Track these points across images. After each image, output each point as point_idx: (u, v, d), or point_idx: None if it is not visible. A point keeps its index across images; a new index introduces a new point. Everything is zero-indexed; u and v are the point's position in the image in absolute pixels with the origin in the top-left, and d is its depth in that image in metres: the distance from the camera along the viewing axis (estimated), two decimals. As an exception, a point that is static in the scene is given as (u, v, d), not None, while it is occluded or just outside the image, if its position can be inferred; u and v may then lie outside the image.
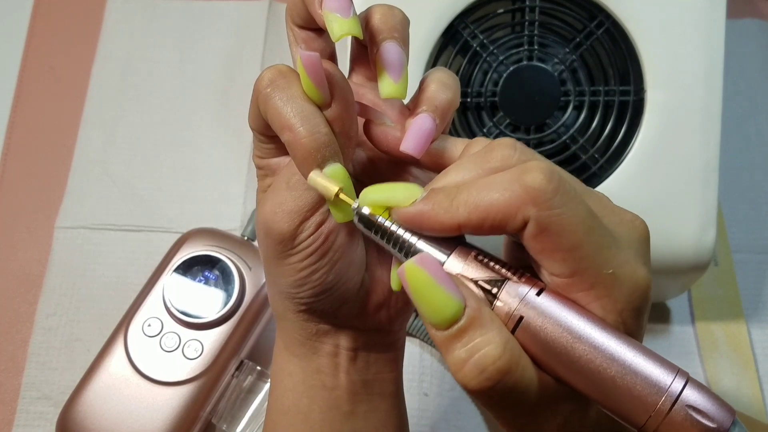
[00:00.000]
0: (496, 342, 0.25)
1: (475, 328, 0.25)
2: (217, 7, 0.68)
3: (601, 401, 0.25)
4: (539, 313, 0.25)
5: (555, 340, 0.25)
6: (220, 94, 0.65)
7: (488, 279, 0.26)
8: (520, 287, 0.26)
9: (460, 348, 0.25)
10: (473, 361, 0.25)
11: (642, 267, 0.26)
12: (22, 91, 0.65)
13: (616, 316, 0.25)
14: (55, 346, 0.56)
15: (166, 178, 0.62)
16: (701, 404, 0.24)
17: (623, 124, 0.48)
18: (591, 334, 0.25)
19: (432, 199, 0.27)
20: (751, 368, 0.56)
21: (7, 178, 0.62)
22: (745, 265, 0.60)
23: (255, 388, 0.53)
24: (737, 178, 0.62)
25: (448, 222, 0.26)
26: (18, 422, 0.54)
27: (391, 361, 0.37)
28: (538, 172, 0.25)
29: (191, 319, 0.50)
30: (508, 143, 0.28)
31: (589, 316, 0.25)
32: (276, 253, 0.32)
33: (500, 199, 0.25)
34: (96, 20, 0.67)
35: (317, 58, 0.28)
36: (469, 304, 0.25)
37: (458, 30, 0.48)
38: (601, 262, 0.25)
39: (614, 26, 0.48)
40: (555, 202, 0.25)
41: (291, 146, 0.29)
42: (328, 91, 0.29)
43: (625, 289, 0.26)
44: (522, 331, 0.26)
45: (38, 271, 0.59)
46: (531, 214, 0.25)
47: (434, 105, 0.31)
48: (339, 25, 0.28)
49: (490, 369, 0.25)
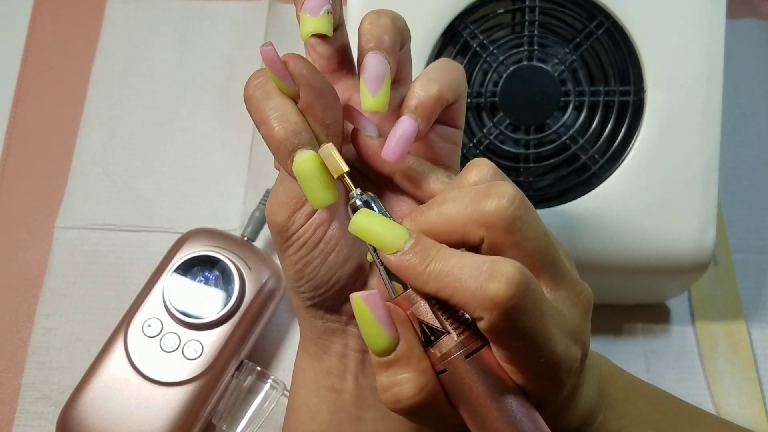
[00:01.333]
0: (415, 382, 0.28)
1: (401, 366, 0.28)
2: (217, 7, 0.68)
3: None
4: (459, 374, 0.28)
5: (464, 399, 0.28)
6: (220, 94, 0.65)
7: (431, 326, 0.28)
8: (454, 345, 0.28)
9: (385, 377, 0.28)
10: (392, 392, 0.28)
11: (573, 345, 0.28)
12: (22, 91, 0.65)
13: (540, 397, 0.28)
14: (55, 346, 0.56)
15: (166, 178, 0.62)
16: None
17: (623, 124, 0.48)
18: (494, 407, 0.27)
19: (408, 260, 0.28)
20: (751, 368, 0.56)
21: (7, 178, 0.62)
22: (745, 265, 0.60)
23: (255, 389, 0.53)
24: (737, 178, 0.62)
25: (420, 288, 0.28)
26: (18, 422, 0.54)
27: None
28: (503, 278, 0.26)
29: (191, 319, 0.50)
30: (506, 191, 0.28)
31: (504, 388, 0.27)
32: (278, 246, 0.33)
33: (463, 290, 0.26)
34: (96, 20, 0.67)
35: (272, 50, 0.28)
36: (402, 343, 0.28)
37: (458, 30, 0.48)
38: (538, 355, 0.27)
39: (614, 26, 0.48)
40: (514, 313, 0.26)
41: (265, 138, 0.29)
42: (291, 81, 0.29)
43: (554, 377, 0.28)
44: (444, 378, 0.28)
45: (38, 271, 0.59)
46: (484, 318, 0.26)
47: (415, 105, 0.30)
48: (307, 24, 0.29)
49: (404, 403, 0.28)
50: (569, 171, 0.48)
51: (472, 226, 0.27)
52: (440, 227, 0.28)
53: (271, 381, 0.53)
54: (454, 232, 0.28)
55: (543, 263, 0.28)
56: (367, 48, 0.30)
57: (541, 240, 0.28)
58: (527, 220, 0.27)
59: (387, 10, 0.31)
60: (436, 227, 0.28)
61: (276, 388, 0.53)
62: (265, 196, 0.58)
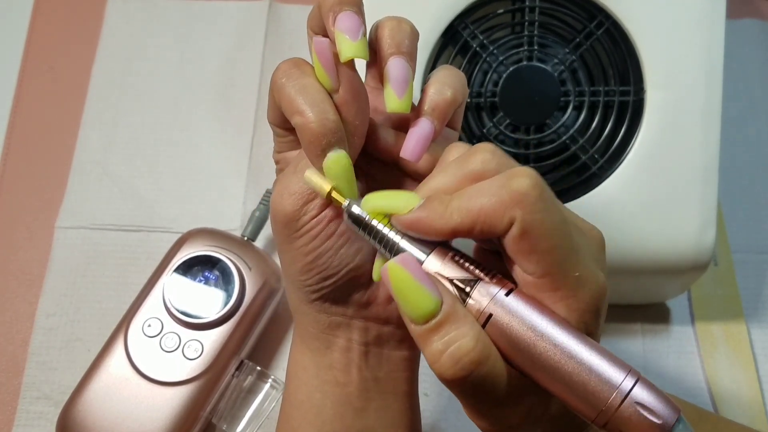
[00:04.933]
0: (470, 335, 0.27)
1: (451, 323, 0.27)
2: (217, 7, 0.68)
3: (559, 394, 0.27)
4: (507, 311, 0.28)
5: (520, 337, 0.27)
6: (220, 94, 0.65)
7: (462, 278, 0.29)
8: (491, 287, 0.28)
9: (437, 341, 0.27)
10: (449, 352, 0.27)
11: (600, 273, 0.29)
12: (22, 91, 0.65)
13: (579, 316, 0.28)
14: (55, 346, 0.56)
15: (166, 178, 0.62)
16: (649, 402, 0.26)
17: (623, 124, 0.48)
18: (552, 333, 0.27)
19: (428, 207, 0.29)
20: (751, 368, 0.56)
21: (7, 178, 0.62)
22: (745, 265, 0.60)
23: (255, 388, 0.53)
24: (737, 178, 0.62)
25: (442, 227, 0.28)
26: (18, 422, 0.54)
27: (405, 360, 0.38)
28: (525, 178, 0.27)
29: (191, 319, 0.50)
30: (486, 148, 0.30)
31: (552, 316, 0.27)
32: (284, 237, 0.33)
33: (489, 203, 0.27)
34: (96, 20, 0.67)
35: (328, 43, 0.30)
36: (445, 301, 0.27)
37: (458, 30, 0.48)
38: (570, 265, 0.27)
39: (614, 26, 0.48)
40: (538, 206, 0.27)
41: (300, 129, 0.30)
42: (337, 76, 0.31)
43: (588, 291, 0.28)
44: (491, 327, 0.28)
45: (38, 271, 0.59)
46: (517, 215, 0.27)
47: (432, 107, 0.32)
48: (347, 48, 0.30)
49: (464, 360, 0.27)
50: (569, 171, 0.48)
51: (504, 210, 0.27)
52: (471, 217, 0.28)
53: (271, 381, 0.53)
54: (484, 221, 0.27)
55: (567, 232, 0.28)
56: (390, 52, 0.32)
57: (560, 214, 0.28)
58: (550, 196, 0.28)
59: (403, 17, 0.33)
60: (470, 215, 0.28)
61: (276, 388, 0.53)
62: (265, 196, 0.58)
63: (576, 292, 0.28)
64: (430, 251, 0.29)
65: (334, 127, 0.30)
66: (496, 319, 0.28)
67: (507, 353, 0.28)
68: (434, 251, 0.29)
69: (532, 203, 0.27)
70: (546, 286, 0.28)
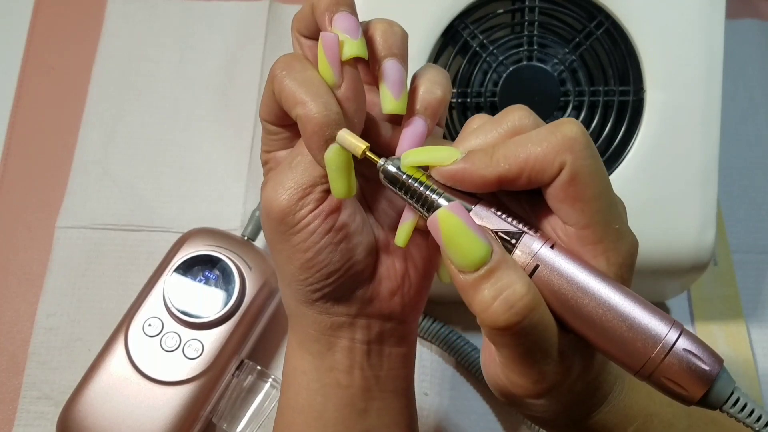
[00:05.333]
0: (522, 281, 0.27)
1: (503, 269, 0.27)
2: (217, 7, 0.68)
3: (602, 347, 0.28)
4: (552, 263, 0.28)
5: (565, 289, 0.28)
6: (220, 94, 0.65)
7: (507, 231, 0.29)
8: (536, 240, 0.28)
9: (489, 288, 0.27)
10: (502, 298, 0.27)
11: (631, 230, 0.30)
12: (22, 91, 0.65)
13: (617, 270, 0.28)
14: (55, 346, 0.56)
15: (166, 178, 0.62)
16: (695, 351, 0.27)
17: (623, 124, 0.48)
18: (597, 286, 0.27)
19: (472, 157, 0.29)
20: (750, 368, 0.56)
21: (7, 178, 0.62)
22: (745, 265, 0.60)
23: (255, 388, 0.53)
24: (737, 178, 0.62)
25: (489, 175, 0.28)
26: (18, 422, 0.54)
27: (404, 357, 0.38)
28: (574, 125, 0.28)
29: (191, 318, 0.50)
30: (522, 107, 0.30)
31: (595, 270, 0.28)
32: (279, 235, 0.33)
33: (539, 149, 0.28)
34: (96, 20, 0.67)
35: (336, 39, 0.30)
36: (495, 249, 0.27)
37: (458, 30, 0.48)
38: (611, 217, 0.28)
39: (614, 26, 0.48)
40: (587, 152, 0.27)
41: (302, 120, 0.30)
42: (341, 72, 0.31)
43: (626, 246, 0.29)
44: (537, 279, 0.28)
45: (39, 270, 0.59)
46: (567, 160, 0.27)
47: (425, 106, 0.33)
48: (348, 48, 0.30)
49: (519, 305, 0.27)
50: (569, 171, 0.48)
51: (555, 154, 0.27)
52: (519, 164, 0.28)
53: (271, 380, 0.53)
54: (533, 167, 0.28)
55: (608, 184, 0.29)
56: (384, 54, 0.32)
57: (603, 165, 0.29)
58: (593, 145, 0.28)
59: (392, 20, 0.33)
60: (518, 162, 0.28)
61: (276, 388, 0.53)
62: (265, 196, 0.58)
63: (616, 245, 0.28)
64: (473, 205, 0.29)
65: (337, 119, 0.30)
66: (542, 270, 0.28)
67: (552, 306, 0.28)
68: (478, 204, 0.29)
69: (582, 149, 0.27)
70: (588, 237, 0.28)
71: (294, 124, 0.32)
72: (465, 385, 0.56)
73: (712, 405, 0.27)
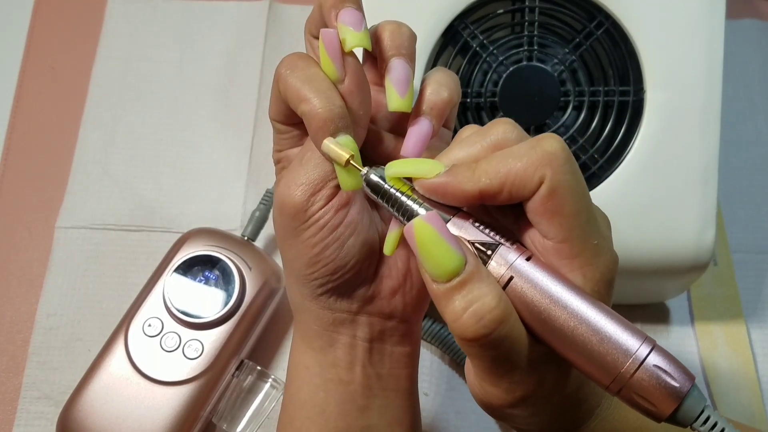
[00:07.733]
0: (493, 294, 0.27)
1: (474, 281, 0.27)
2: (217, 7, 0.68)
3: (574, 361, 0.28)
4: (527, 276, 0.28)
5: (538, 301, 0.28)
6: (220, 94, 0.65)
7: (484, 242, 0.29)
8: (512, 252, 0.29)
9: (460, 299, 0.27)
10: (472, 310, 0.27)
11: (612, 246, 0.30)
12: (22, 91, 0.65)
13: (593, 285, 0.28)
14: (55, 346, 0.56)
15: (166, 178, 0.62)
16: (666, 367, 0.26)
17: (623, 124, 0.48)
18: (571, 300, 0.27)
19: (454, 172, 0.29)
20: (750, 368, 0.56)
21: (7, 178, 0.62)
22: (745, 265, 0.60)
23: (255, 388, 0.53)
24: (737, 178, 0.62)
25: (470, 190, 0.29)
26: (18, 422, 0.54)
27: (406, 356, 0.38)
28: (554, 140, 0.28)
29: (191, 319, 0.50)
30: (506, 120, 0.31)
31: (569, 284, 0.28)
32: (290, 230, 0.33)
33: (519, 164, 0.28)
34: (96, 20, 0.67)
35: (335, 33, 0.31)
36: (469, 261, 0.28)
37: (458, 30, 0.48)
38: (590, 233, 0.28)
39: (614, 27, 0.48)
40: (567, 167, 0.28)
41: (307, 116, 0.31)
42: (343, 66, 0.31)
43: (604, 261, 0.29)
44: (510, 290, 0.28)
45: (39, 271, 0.59)
46: (546, 175, 0.27)
47: (430, 107, 0.33)
48: (351, 38, 0.31)
49: (487, 317, 0.27)
50: (569, 171, 0.48)
51: (535, 169, 0.28)
52: (500, 178, 0.28)
53: (271, 380, 0.53)
54: (513, 181, 0.28)
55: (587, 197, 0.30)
56: (391, 54, 0.33)
57: (583, 180, 0.29)
58: (575, 162, 0.29)
59: (401, 21, 0.34)
60: (499, 177, 0.28)
61: (276, 388, 0.53)
62: (265, 196, 0.58)
63: (594, 260, 0.28)
64: (452, 216, 0.30)
65: (341, 113, 0.31)
66: (516, 283, 0.28)
67: (525, 318, 0.28)
68: (456, 215, 0.30)
69: (561, 164, 0.28)
70: (565, 252, 0.28)
71: (302, 122, 0.32)
72: (465, 385, 0.56)
73: (681, 422, 0.27)
